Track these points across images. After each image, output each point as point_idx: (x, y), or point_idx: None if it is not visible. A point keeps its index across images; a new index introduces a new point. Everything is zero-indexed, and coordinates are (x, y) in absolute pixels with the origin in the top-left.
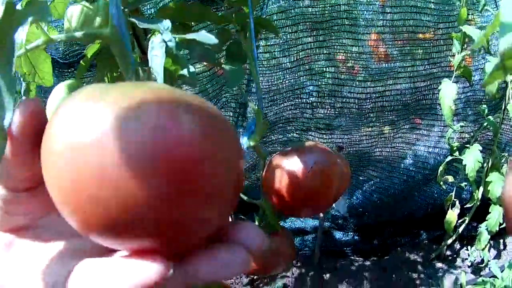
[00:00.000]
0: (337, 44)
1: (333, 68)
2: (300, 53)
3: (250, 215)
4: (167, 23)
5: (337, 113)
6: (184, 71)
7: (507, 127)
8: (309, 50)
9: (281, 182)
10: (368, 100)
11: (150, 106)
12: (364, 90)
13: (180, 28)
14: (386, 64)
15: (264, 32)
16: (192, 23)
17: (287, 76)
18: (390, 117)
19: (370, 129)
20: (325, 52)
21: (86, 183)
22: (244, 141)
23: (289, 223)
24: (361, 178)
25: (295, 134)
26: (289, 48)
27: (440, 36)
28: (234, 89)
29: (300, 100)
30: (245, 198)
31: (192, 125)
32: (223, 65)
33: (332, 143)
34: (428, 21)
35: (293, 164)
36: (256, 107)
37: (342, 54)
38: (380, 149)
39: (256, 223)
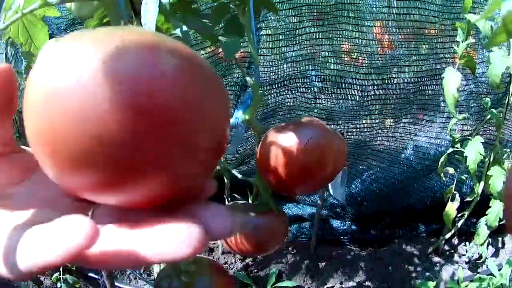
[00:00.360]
0: (341, 33)
1: (336, 57)
2: (304, 41)
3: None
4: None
5: (340, 102)
6: (177, 31)
7: (510, 122)
8: (313, 39)
9: (275, 158)
10: (370, 90)
11: (131, 43)
12: (366, 81)
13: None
14: (390, 54)
15: (265, 14)
16: None
17: (290, 64)
18: (392, 107)
19: (371, 118)
20: (329, 41)
21: (66, 119)
22: (239, 115)
23: (286, 210)
24: (360, 167)
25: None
26: (293, 35)
27: (444, 27)
28: (233, 67)
29: (302, 88)
30: (239, 176)
31: (172, 67)
32: (219, 37)
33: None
34: (434, 11)
35: (287, 138)
36: (253, 81)
37: (346, 43)
38: (381, 139)
39: (250, 201)
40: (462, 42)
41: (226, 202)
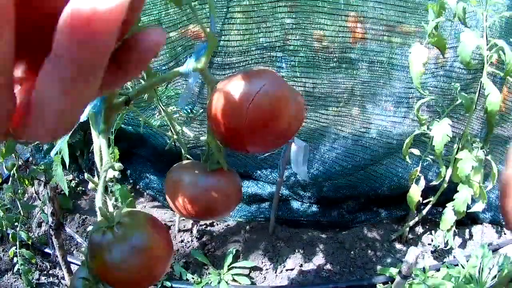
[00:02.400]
0: (313, 20)
1: (307, 45)
2: (275, 25)
3: None
4: None
5: (309, 88)
6: None
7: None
8: (285, 24)
9: (224, 110)
10: (339, 77)
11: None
12: (336, 68)
13: None
14: (361, 44)
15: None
16: None
17: (260, 49)
18: (360, 92)
19: (338, 103)
20: (301, 27)
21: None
22: (191, 63)
23: (245, 188)
24: (324, 148)
25: None
26: (264, 20)
27: (416, 25)
28: None
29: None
30: (191, 134)
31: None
32: None
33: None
34: (406, 7)
35: (237, 88)
36: (208, 30)
37: (318, 31)
38: (346, 122)
39: (201, 160)
40: (432, 21)
41: (201, 155)
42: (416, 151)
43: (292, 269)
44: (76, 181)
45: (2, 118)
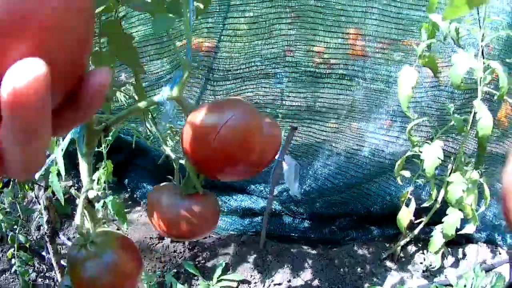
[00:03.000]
0: (315, 34)
1: (308, 58)
2: (277, 37)
3: None
4: None
5: (307, 102)
6: None
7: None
8: (287, 35)
9: (193, 139)
10: (338, 92)
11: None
12: (334, 83)
13: None
14: (361, 60)
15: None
16: None
17: (261, 60)
18: (357, 109)
19: (334, 119)
20: (302, 40)
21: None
22: (166, 91)
23: (239, 202)
24: (317, 165)
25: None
26: (268, 31)
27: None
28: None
29: (271, 85)
30: (172, 156)
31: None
32: (156, 14)
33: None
34: (408, 24)
35: (205, 119)
36: (184, 59)
37: (319, 45)
38: (341, 139)
39: (181, 184)
40: (423, 42)
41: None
42: (407, 173)
43: (280, 284)
44: (75, 187)
45: None
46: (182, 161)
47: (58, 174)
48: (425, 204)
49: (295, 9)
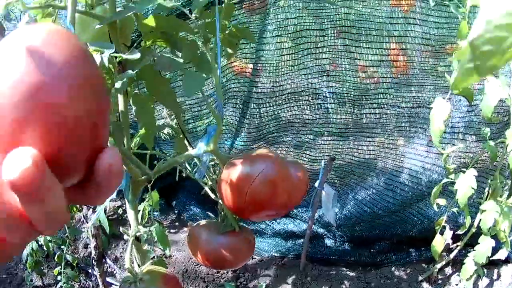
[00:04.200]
0: (358, 50)
1: (352, 75)
2: (322, 54)
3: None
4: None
5: (352, 119)
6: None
7: None
8: (330, 53)
9: (228, 190)
10: (381, 110)
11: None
12: (378, 100)
13: (160, 35)
14: (404, 77)
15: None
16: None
17: (306, 77)
18: (399, 129)
19: (375, 140)
20: (346, 56)
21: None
22: (202, 146)
23: (283, 226)
24: (357, 188)
25: (306, 137)
26: (314, 47)
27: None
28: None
29: (316, 102)
30: (212, 196)
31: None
32: (185, 75)
33: (340, 150)
34: (451, 35)
35: (239, 173)
36: (217, 114)
37: (362, 61)
38: (381, 161)
39: (219, 220)
40: (455, 71)
41: (219, 216)
42: (442, 201)
43: None
44: (123, 208)
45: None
46: (221, 202)
47: None
48: (459, 232)
49: (337, 24)
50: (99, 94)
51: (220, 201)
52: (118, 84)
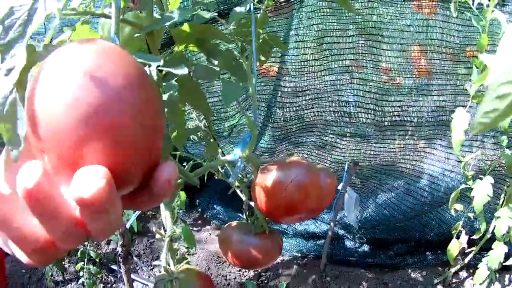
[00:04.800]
0: (379, 52)
1: (375, 76)
2: (343, 55)
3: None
4: (156, 59)
5: (372, 121)
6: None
7: None
8: (352, 55)
9: (264, 194)
10: (402, 112)
11: None
12: (398, 102)
13: (195, 41)
14: (426, 80)
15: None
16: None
17: (327, 79)
18: (417, 133)
19: (396, 143)
20: (369, 59)
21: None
22: (237, 152)
23: (304, 226)
24: (378, 191)
25: (329, 137)
26: (333, 51)
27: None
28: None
29: (337, 105)
30: (244, 198)
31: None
32: (222, 84)
33: (362, 153)
34: (474, 38)
35: (274, 178)
36: (251, 122)
37: (385, 63)
38: (401, 164)
39: (249, 221)
40: (476, 82)
41: (244, 215)
42: (459, 207)
43: None
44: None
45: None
46: (252, 203)
47: None
48: (474, 237)
49: (359, 25)
50: (157, 110)
51: (251, 203)
52: (165, 97)
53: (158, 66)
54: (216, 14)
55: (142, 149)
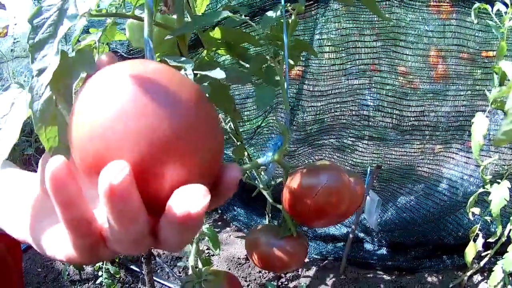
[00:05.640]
0: (395, 52)
1: (393, 79)
2: (358, 55)
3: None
4: (190, 62)
5: (389, 124)
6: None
7: None
8: (367, 53)
9: (295, 199)
10: (420, 116)
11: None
12: (417, 105)
13: (225, 45)
14: (443, 82)
15: (305, 57)
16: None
17: (348, 82)
18: (436, 137)
19: (415, 146)
20: (384, 60)
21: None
22: (269, 155)
23: (324, 229)
24: (397, 195)
25: (348, 140)
26: (355, 57)
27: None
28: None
29: (355, 107)
30: (270, 201)
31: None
32: (254, 89)
33: (378, 155)
34: (492, 38)
35: (304, 182)
36: (283, 126)
37: (401, 64)
38: (420, 169)
39: (276, 223)
40: (495, 87)
41: (267, 217)
42: (477, 210)
43: None
44: None
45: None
46: (279, 206)
47: None
48: (490, 240)
49: (382, 29)
50: (218, 125)
51: (278, 205)
52: None
53: (193, 69)
54: (248, 18)
55: (216, 159)
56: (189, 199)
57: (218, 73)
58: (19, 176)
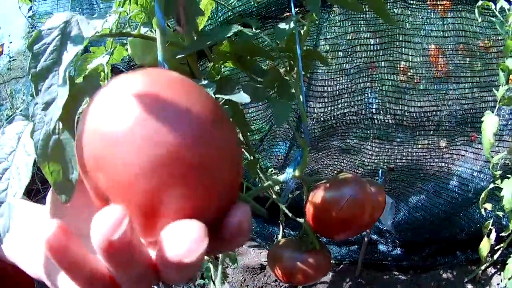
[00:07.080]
0: (398, 52)
1: (394, 76)
2: (364, 59)
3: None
4: (212, 86)
5: (395, 123)
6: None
7: None
8: (371, 57)
9: (319, 213)
10: (425, 113)
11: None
12: (422, 102)
13: (235, 59)
14: (445, 78)
15: (315, 65)
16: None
17: (350, 82)
18: (443, 134)
19: (423, 145)
20: (387, 59)
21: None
22: (290, 172)
23: None
24: (409, 194)
25: (353, 141)
26: (351, 56)
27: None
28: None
29: (360, 107)
30: (290, 214)
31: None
32: (272, 104)
33: (387, 155)
34: (493, 34)
35: (328, 196)
36: (303, 140)
37: (403, 62)
38: (429, 167)
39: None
40: (502, 86)
41: (281, 227)
42: (489, 206)
43: None
44: None
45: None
46: (301, 220)
47: None
48: (503, 234)
49: (371, 22)
50: (237, 147)
51: (299, 219)
52: None
53: (214, 93)
54: (259, 31)
55: (232, 194)
56: (182, 243)
57: (242, 97)
58: (30, 209)
